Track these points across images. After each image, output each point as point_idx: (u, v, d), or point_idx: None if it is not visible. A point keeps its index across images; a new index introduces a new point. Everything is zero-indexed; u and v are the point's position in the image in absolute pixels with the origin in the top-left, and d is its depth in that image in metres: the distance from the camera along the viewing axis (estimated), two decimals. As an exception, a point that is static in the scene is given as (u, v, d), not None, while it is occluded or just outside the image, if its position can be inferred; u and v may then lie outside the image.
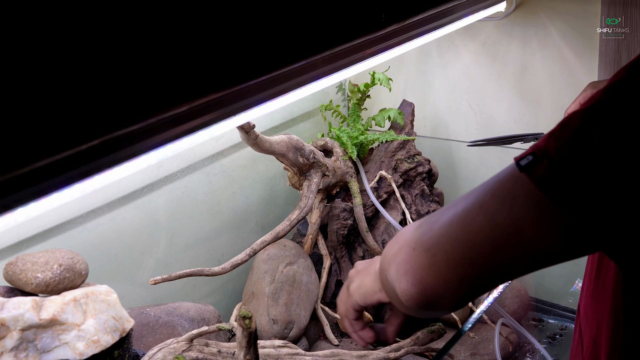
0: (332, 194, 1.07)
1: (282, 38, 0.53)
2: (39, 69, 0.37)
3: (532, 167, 0.45)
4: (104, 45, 0.40)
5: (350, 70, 0.67)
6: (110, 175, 0.46)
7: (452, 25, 0.84)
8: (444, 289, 0.48)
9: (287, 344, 0.86)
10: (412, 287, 0.49)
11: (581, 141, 0.43)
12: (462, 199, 0.49)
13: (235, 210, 1.12)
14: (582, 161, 0.43)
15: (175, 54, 0.45)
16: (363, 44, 0.64)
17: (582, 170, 0.43)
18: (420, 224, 0.52)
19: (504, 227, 0.45)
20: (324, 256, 1.04)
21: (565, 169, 0.44)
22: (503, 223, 0.45)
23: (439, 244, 0.48)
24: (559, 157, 0.44)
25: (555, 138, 0.45)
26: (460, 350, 0.98)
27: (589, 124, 0.43)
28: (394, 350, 0.89)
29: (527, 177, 0.45)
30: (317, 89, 0.66)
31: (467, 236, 0.46)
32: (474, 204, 0.47)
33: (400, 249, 0.51)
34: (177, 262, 1.02)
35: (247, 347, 0.63)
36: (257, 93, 0.54)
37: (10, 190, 0.37)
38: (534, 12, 1.12)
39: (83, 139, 0.40)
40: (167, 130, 0.47)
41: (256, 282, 0.97)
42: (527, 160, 0.45)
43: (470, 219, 0.47)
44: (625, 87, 0.44)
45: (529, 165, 0.45)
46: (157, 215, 0.99)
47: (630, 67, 0.45)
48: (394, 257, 0.52)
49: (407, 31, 0.72)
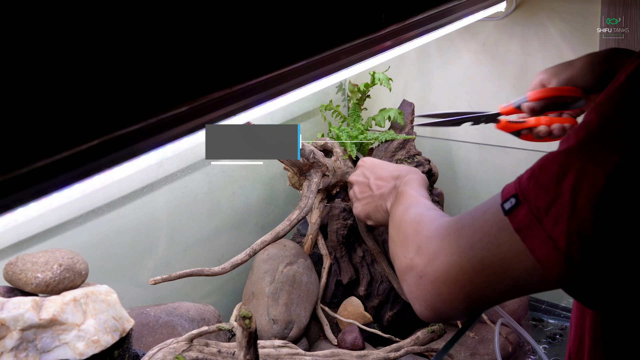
0: (332, 194, 1.07)
1: (282, 38, 0.53)
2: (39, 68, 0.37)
3: (514, 212, 0.47)
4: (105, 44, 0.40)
5: (350, 70, 0.67)
6: (110, 175, 0.46)
7: (452, 25, 0.84)
8: (455, 313, 0.56)
9: (287, 344, 0.86)
10: (425, 310, 0.56)
11: (555, 189, 0.45)
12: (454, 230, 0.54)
13: (235, 210, 1.12)
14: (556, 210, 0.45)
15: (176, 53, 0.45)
16: (363, 44, 0.64)
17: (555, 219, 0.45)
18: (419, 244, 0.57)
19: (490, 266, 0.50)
20: (324, 256, 1.04)
21: (541, 216, 0.46)
22: (490, 263, 0.50)
23: (441, 279, 0.53)
24: (537, 206, 0.46)
25: (534, 181, 0.47)
26: (460, 350, 0.98)
27: (563, 171, 0.45)
28: (394, 350, 0.89)
29: (510, 221, 0.47)
30: (317, 89, 0.66)
31: (465, 276, 0.52)
32: (467, 243, 0.52)
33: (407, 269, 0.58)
34: (177, 262, 1.02)
35: (247, 347, 0.63)
36: (257, 93, 0.54)
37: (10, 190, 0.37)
38: (534, 12, 1.12)
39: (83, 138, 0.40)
40: (167, 130, 0.47)
41: (256, 282, 0.97)
42: (511, 204, 0.48)
43: (462, 259, 0.52)
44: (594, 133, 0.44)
45: (511, 209, 0.48)
46: (157, 215, 0.99)
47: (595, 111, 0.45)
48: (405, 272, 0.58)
49: (407, 31, 0.72)
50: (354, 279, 1.03)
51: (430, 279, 0.54)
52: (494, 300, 0.53)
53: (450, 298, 0.53)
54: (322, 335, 1.01)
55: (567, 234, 0.44)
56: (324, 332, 1.00)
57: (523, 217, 0.47)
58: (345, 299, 1.03)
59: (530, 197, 0.46)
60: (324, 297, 1.03)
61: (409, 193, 0.72)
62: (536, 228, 0.46)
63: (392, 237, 0.67)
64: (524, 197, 0.47)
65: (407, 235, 0.60)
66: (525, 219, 0.47)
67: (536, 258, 0.46)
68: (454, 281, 0.52)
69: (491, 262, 0.49)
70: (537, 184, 0.46)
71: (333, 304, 1.04)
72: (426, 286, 0.55)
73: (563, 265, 0.45)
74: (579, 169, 0.44)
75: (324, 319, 1.00)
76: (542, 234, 0.45)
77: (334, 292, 1.03)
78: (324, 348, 0.96)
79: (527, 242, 0.46)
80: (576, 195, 0.44)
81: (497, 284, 0.50)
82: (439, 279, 0.53)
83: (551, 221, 0.45)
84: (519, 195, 0.47)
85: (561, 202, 0.44)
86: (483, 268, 0.50)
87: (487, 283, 0.51)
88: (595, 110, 0.45)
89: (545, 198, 0.45)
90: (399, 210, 0.69)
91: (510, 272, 0.49)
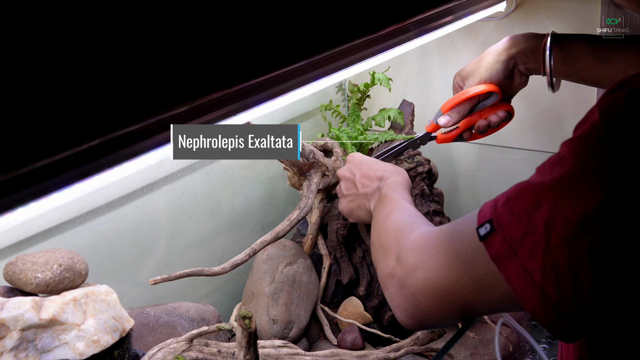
0: (332, 194, 1.07)
1: (282, 38, 0.53)
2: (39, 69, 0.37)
3: (489, 238, 0.48)
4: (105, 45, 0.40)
5: (351, 70, 0.67)
6: (110, 175, 0.46)
7: (452, 25, 0.84)
8: (435, 324, 0.58)
9: (287, 344, 0.86)
10: (407, 319, 0.57)
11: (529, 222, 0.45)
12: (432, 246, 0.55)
13: (235, 210, 1.12)
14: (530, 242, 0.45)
15: (176, 54, 0.45)
16: (363, 44, 0.64)
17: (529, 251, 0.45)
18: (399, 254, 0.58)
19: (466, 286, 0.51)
20: (323, 256, 1.04)
21: (515, 247, 0.46)
22: (465, 282, 0.51)
23: (420, 292, 0.55)
24: (511, 235, 0.47)
25: (509, 210, 0.47)
26: (460, 350, 0.98)
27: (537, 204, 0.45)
28: (394, 350, 0.89)
29: (484, 247, 0.48)
30: (317, 89, 0.66)
31: (442, 292, 0.53)
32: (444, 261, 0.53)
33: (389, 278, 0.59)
34: (177, 262, 1.02)
35: (247, 347, 0.63)
36: (257, 93, 0.54)
37: (10, 190, 0.37)
38: (534, 12, 1.12)
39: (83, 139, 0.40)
40: (167, 130, 0.47)
41: (256, 282, 0.97)
42: (486, 230, 0.49)
43: (440, 276, 0.53)
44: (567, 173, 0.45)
45: (486, 235, 0.48)
46: (157, 215, 0.99)
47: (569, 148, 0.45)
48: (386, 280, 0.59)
49: (407, 31, 0.72)
50: (354, 279, 1.03)
51: (410, 290, 0.55)
52: (473, 315, 0.54)
53: (430, 310, 0.54)
54: (322, 335, 1.01)
55: (542, 269, 0.45)
56: (324, 332, 1.00)
57: (498, 246, 0.47)
58: (345, 299, 1.03)
59: (505, 226, 0.47)
60: (324, 297, 1.03)
61: (392, 197, 0.73)
62: (511, 259, 0.46)
63: (373, 243, 0.68)
64: (499, 225, 0.48)
65: (388, 243, 0.62)
66: (500, 248, 0.47)
67: (513, 289, 0.47)
68: (432, 296, 0.53)
69: (466, 282, 0.51)
70: (512, 212, 0.47)
71: (333, 304, 1.04)
72: (407, 296, 0.56)
73: (538, 299, 0.45)
74: (552, 205, 0.45)
75: (323, 319, 1.00)
76: (517, 266, 0.46)
77: (334, 292, 1.03)
78: (323, 348, 0.96)
79: (503, 271, 0.47)
80: (549, 231, 0.44)
81: (475, 304, 0.51)
82: (418, 292, 0.55)
83: (526, 253, 0.46)
84: (494, 222, 0.48)
85: (535, 236, 0.45)
86: (459, 288, 0.51)
87: (465, 301, 0.52)
88: (569, 147, 0.46)
89: (519, 229, 0.46)
90: (381, 215, 0.70)
91: (487, 295, 0.50)
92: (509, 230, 0.47)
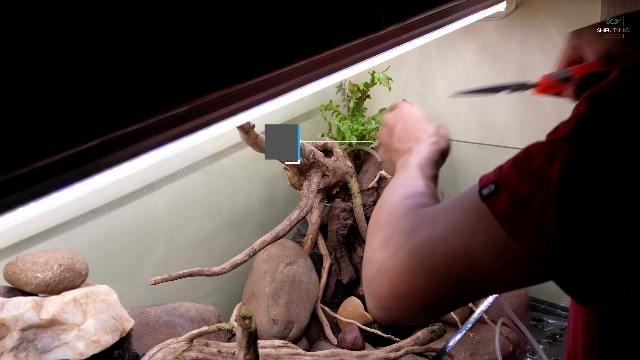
0: (332, 193, 1.07)
1: (282, 38, 0.53)
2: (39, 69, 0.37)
3: (493, 198, 0.45)
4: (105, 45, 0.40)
5: (351, 70, 0.67)
6: (110, 175, 0.46)
7: (452, 25, 0.84)
8: (408, 314, 0.50)
9: (287, 344, 0.86)
10: (378, 310, 0.51)
11: (542, 177, 0.43)
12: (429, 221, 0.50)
13: (235, 210, 1.12)
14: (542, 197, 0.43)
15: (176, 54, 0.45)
16: (363, 44, 0.64)
17: (541, 207, 0.43)
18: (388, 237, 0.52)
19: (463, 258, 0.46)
20: (324, 256, 1.04)
21: (524, 203, 0.44)
22: (463, 254, 0.46)
23: (402, 274, 0.49)
24: (519, 193, 0.44)
25: (518, 169, 0.45)
26: (460, 350, 0.98)
27: (550, 159, 0.44)
28: (394, 350, 0.89)
29: (488, 208, 0.45)
30: (317, 89, 0.66)
31: (429, 269, 0.47)
32: (439, 234, 0.48)
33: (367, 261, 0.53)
34: (177, 262, 1.02)
35: (247, 347, 0.63)
36: (257, 93, 0.54)
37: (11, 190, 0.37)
38: (534, 12, 1.12)
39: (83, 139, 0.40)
40: (167, 130, 0.47)
41: (256, 282, 0.97)
42: (489, 190, 0.46)
43: (433, 250, 0.47)
44: (585, 122, 0.43)
45: (490, 195, 0.45)
46: (157, 215, 0.99)
47: (588, 101, 0.44)
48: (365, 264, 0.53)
49: (407, 31, 0.72)
50: (354, 278, 1.03)
51: (389, 274, 0.49)
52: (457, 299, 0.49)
53: (409, 296, 0.48)
54: (322, 335, 1.01)
55: (558, 222, 0.43)
56: (324, 332, 1.00)
57: (504, 204, 0.45)
58: (346, 299, 1.03)
59: (512, 184, 0.45)
60: (324, 297, 1.03)
61: (410, 168, 0.67)
62: (519, 215, 0.44)
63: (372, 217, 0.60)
64: (505, 184, 0.45)
65: (378, 222, 0.56)
66: (506, 206, 0.44)
67: (523, 247, 0.44)
68: (418, 275, 0.48)
69: (464, 251, 0.46)
70: (521, 171, 0.45)
71: (333, 304, 1.04)
72: (382, 280, 0.50)
73: (552, 254, 0.43)
74: (567, 157, 0.43)
75: (324, 319, 1.00)
76: (526, 222, 0.44)
77: (334, 292, 1.03)
78: (324, 348, 0.96)
79: (509, 229, 0.44)
80: (566, 182, 0.42)
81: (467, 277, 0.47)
82: (400, 274, 0.49)
83: (537, 209, 0.43)
84: (499, 182, 0.45)
85: (547, 190, 0.43)
86: (454, 258, 0.46)
87: (456, 277, 0.47)
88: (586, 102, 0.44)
89: (528, 185, 0.44)
90: (388, 189, 0.63)
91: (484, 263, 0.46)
92: (516, 188, 0.44)
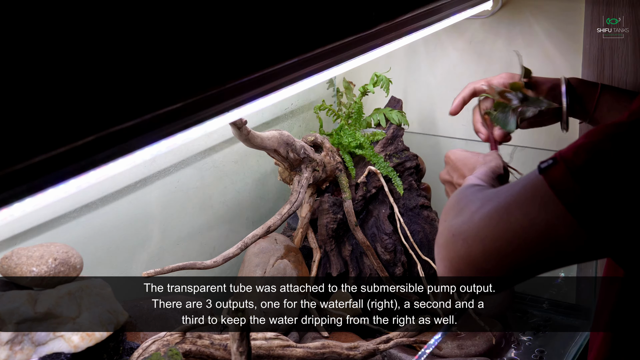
0: (322, 188, 1.09)
1: (274, 36, 0.55)
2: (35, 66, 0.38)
3: (549, 170, 0.48)
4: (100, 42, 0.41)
5: (341, 67, 0.68)
6: (105, 170, 0.46)
7: (439, 23, 0.86)
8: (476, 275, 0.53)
9: (279, 336, 0.87)
10: (449, 272, 0.54)
11: (600, 153, 0.46)
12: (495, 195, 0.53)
13: (227, 204, 1.14)
14: (597, 171, 0.46)
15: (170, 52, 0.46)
16: (354, 42, 0.66)
17: (596, 180, 0.46)
18: (460, 209, 0.55)
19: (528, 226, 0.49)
20: (314, 249, 1.06)
21: (578, 175, 0.47)
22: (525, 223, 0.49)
23: (478, 236, 0.51)
24: (574, 164, 0.47)
25: (577, 145, 0.48)
26: (446, 341, 1.00)
27: (610, 139, 0.47)
28: (384, 342, 0.91)
29: (544, 179, 0.48)
30: (308, 86, 0.68)
31: (502, 232, 0.50)
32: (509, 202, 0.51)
33: (442, 230, 0.56)
34: (169, 255, 1.03)
35: (239, 339, 0.64)
36: (249, 90, 0.55)
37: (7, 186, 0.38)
38: (520, 11, 1.14)
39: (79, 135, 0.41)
40: (161, 127, 0.48)
41: (248, 275, 0.99)
42: (547, 164, 0.49)
43: (508, 214, 0.50)
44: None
45: (547, 168, 0.48)
46: (150, 210, 1.00)
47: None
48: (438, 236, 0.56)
49: (397, 29, 0.74)
50: (344, 272, 1.05)
51: (464, 236, 0.52)
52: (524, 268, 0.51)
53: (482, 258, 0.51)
54: (312, 327, 1.03)
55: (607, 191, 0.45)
56: (315, 325, 1.01)
57: (559, 174, 0.47)
58: (335, 291, 1.05)
59: (569, 156, 0.47)
60: (314, 290, 1.05)
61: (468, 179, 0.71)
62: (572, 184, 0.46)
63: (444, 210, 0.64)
64: (563, 158, 0.48)
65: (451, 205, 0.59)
66: (560, 176, 0.47)
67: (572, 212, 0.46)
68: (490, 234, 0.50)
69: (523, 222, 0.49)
70: (580, 147, 0.47)
71: (323, 296, 1.05)
72: (456, 244, 0.53)
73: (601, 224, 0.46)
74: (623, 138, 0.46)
75: (314, 311, 1.02)
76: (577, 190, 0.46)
77: (324, 285, 1.05)
78: (314, 340, 0.97)
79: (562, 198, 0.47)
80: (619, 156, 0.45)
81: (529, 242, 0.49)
82: (474, 237, 0.51)
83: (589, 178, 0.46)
84: (557, 157, 0.48)
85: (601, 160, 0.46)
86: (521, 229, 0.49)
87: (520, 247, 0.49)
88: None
89: (584, 156, 0.47)
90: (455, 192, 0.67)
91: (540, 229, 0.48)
92: (572, 160, 0.47)
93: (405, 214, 1.07)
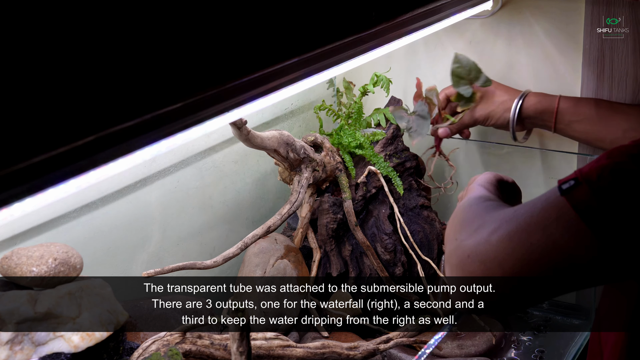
0: (322, 188, 1.09)
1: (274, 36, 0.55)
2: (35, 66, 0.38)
3: (572, 191, 0.47)
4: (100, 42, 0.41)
5: (341, 67, 0.69)
6: (105, 170, 0.47)
7: (439, 23, 0.86)
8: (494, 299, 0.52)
9: (279, 336, 0.87)
10: (465, 294, 0.53)
11: (624, 174, 0.46)
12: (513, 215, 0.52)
13: (227, 204, 1.14)
14: (622, 192, 0.45)
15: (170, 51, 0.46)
16: (354, 42, 0.66)
17: (622, 201, 0.45)
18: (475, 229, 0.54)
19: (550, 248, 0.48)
20: (313, 249, 1.06)
21: (603, 196, 0.46)
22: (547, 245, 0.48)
23: (496, 258, 0.50)
24: (598, 185, 0.46)
25: (599, 166, 0.47)
26: (446, 340, 1.00)
27: (632, 160, 0.46)
28: (384, 342, 0.91)
29: (567, 201, 0.47)
30: (308, 86, 0.68)
31: (522, 254, 0.49)
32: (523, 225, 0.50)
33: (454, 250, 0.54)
34: (169, 255, 1.04)
35: (239, 339, 0.64)
36: (249, 90, 0.55)
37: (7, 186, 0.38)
38: (520, 11, 1.14)
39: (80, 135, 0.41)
40: (161, 127, 0.48)
41: (247, 275, 0.99)
42: (569, 185, 0.48)
43: (528, 236, 0.49)
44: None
45: (569, 189, 0.47)
46: (150, 210, 1.00)
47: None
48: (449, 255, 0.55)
49: (397, 29, 0.74)
50: (344, 272, 1.05)
51: (481, 258, 0.51)
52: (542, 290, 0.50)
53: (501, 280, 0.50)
54: (312, 327, 1.03)
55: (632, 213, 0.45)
56: (315, 325, 1.02)
57: (583, 196, 0.46)
58: (335, 291, 1.05)
59: (593, 178, 0.46)
60: (314, 290, 1.05)
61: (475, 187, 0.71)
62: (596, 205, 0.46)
63: (448, 226, 0.64)
64: (585, 179, 0.47)
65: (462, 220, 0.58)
66: (584, 197, 0.46)
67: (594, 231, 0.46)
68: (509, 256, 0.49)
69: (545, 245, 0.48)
70: (601, 167, 0.46)
71: (323, 296, 1.05)
72: (472, 265, 0.51)
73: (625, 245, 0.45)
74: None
75: (314, 311, 1.02)
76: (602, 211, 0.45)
77: (324, 285, 1.05)
78: (314, 340, 0.97)
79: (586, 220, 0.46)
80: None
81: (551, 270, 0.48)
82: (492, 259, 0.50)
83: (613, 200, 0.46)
84: (579, 178, 0.47)
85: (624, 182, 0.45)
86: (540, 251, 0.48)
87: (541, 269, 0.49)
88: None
89: (609, 179, 0.46)
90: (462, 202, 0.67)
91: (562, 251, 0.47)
92: (597, 182, 0.46)
93: (405, 214, 1.07)
